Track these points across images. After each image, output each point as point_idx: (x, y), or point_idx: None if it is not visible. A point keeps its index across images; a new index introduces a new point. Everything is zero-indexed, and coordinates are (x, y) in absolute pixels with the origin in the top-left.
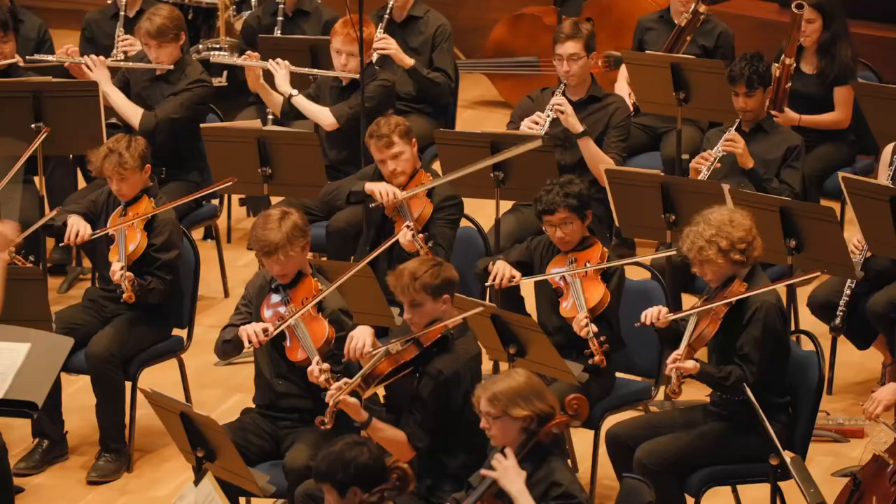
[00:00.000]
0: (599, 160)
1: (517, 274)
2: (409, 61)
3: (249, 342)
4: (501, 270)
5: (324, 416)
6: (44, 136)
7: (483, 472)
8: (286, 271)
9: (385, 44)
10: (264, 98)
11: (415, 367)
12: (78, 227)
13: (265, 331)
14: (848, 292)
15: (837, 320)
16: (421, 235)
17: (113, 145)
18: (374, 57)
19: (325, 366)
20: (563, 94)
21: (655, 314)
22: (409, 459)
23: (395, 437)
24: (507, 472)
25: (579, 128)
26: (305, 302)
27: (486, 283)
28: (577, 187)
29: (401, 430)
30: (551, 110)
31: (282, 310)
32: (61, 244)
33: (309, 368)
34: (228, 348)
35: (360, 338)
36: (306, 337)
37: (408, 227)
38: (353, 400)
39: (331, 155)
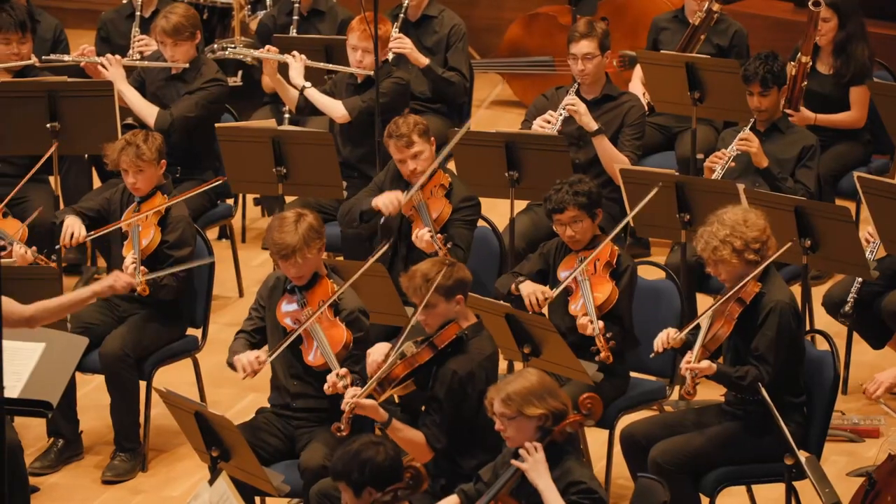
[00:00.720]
0: (614, 158)
1: (546, 290)
2: (424, 60)
3: (245, 374)
4: (533, 295)
5: (340, 422)
6: (54, 149)
7: (515, 462)
8: (302, 273)
9: (400, 43)
10: (280, 93)
11: (430, 369)
12: (73, 229)
13: (258, 359)
14: (860, 279)
15: (847, 307)
16: (440, 236)
17: (130, 138)
18: (390, 56)
19: (344, 370)
20: (578, 93)
21: (665, 339)
22: (427, 460)
23: (414, 437)
24: (537, 465)
25: (594, 126)
26: (321, 305)
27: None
28: (587, 186)
29: (419, 432)
30: (564, 109)
31: (298, 315)
32: (56, 247)
33: (329, 381)
34: (233, 369)
35: (378, 352)
36: (324, 343)
37: (428, 231)
38: (370, 401)
39: (345, 152)
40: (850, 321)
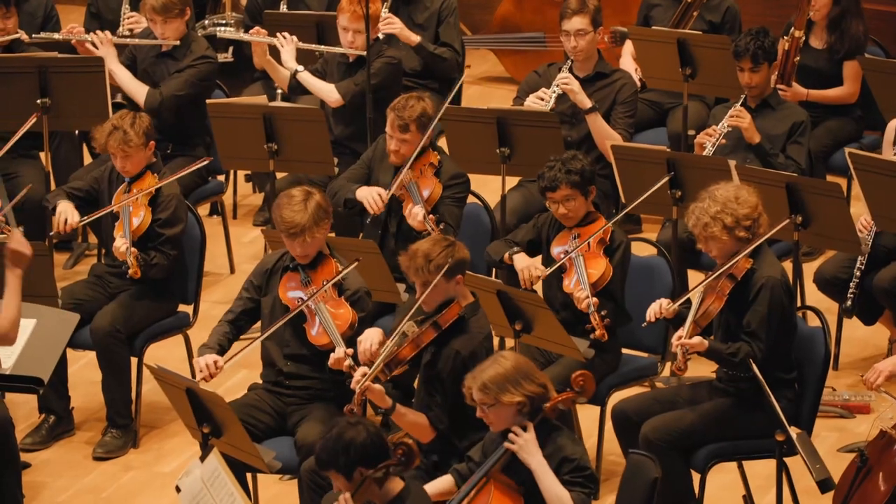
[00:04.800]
0: (607, 136)
1: (540, 267)
2: (415, 38)
3: (201, 374)
4: (527, 270)
5: (352, 404)
6: (32, 121)
7: (506, 444)
8: (308, 252)
9: (390, 23)
10: (271, 73)
11: (426, 347)
12: (66, 215)
13: (216, 363)
14: (858, 274)
15: (849, 303)
16: (432, 217)
17: (117, 122)
18: (381, 34)
19: (350, 350)
20: (571, 70)
21: (658, 310)
22: (429, 441)
23: (417, 420)
24: (527, 445)
25: (588, 103)
26: (325, 284)
27: (523, 289)
28: (580, 163)
29: (422, 414)
30: (557, 86)
31: (302, 293)
32: (51, 233)
33: (334, 356)
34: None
35: (370, 340)
36: (329, 322)
37: (422, 210)
38: (378, 387)
39: (336, 131)
40: (852, 315)
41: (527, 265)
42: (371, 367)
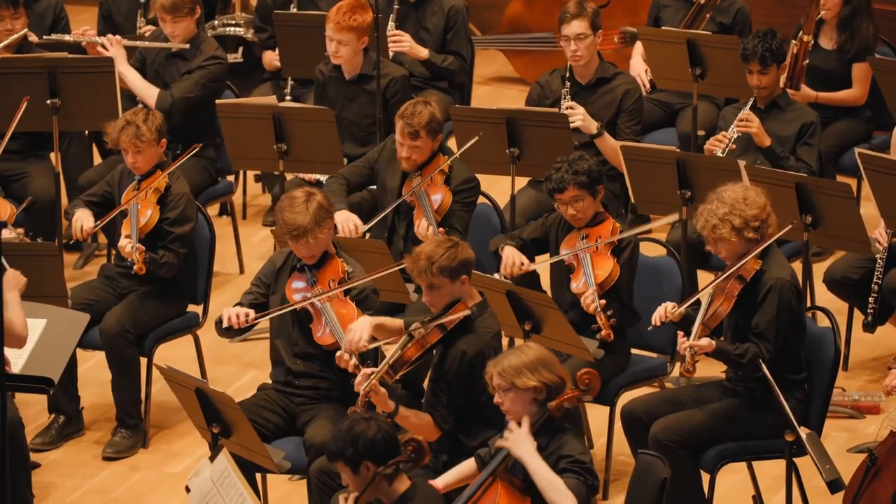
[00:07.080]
0: (618, 151)
1: (525, 260)
2: (424, 53)
3: (229, 323)
4: (511, 258)
5: (356, 405)
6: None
7: (498, 443)
8: (313, 253)
9: (398, 41)
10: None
11: (433, 347)
12: (81, 223)
13: (247, 314)
14: (875, 288)
15: (869, 318)
16: (441, 230)
17: (130, 118)
18: (391, 54)
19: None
20: (571, 76)
21: (663, 314)
22: (434, 440)
23: (422, 421)
24: (518, 439)
25: (593, 129)
26: (332, 284)
27: (497, 276)
28: (587, 164)
29: (426, 414)
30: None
31: (308, 293)
32: (72, 241)
33: (338, 354)
34: (218, 329)
35: (358, 331)
36: (334, 321)
37: (429, 225)
38: (382, 390)
39: (346, 149)
40: (874, 329)
41: (511, 254)
42: (376, 367)
